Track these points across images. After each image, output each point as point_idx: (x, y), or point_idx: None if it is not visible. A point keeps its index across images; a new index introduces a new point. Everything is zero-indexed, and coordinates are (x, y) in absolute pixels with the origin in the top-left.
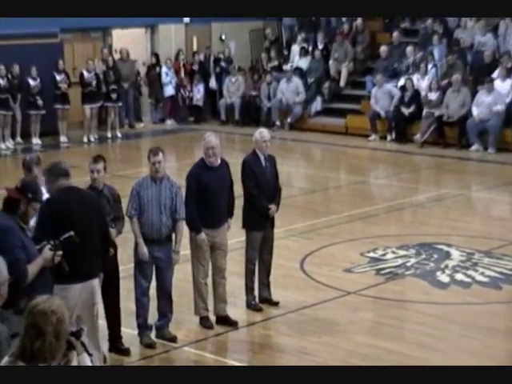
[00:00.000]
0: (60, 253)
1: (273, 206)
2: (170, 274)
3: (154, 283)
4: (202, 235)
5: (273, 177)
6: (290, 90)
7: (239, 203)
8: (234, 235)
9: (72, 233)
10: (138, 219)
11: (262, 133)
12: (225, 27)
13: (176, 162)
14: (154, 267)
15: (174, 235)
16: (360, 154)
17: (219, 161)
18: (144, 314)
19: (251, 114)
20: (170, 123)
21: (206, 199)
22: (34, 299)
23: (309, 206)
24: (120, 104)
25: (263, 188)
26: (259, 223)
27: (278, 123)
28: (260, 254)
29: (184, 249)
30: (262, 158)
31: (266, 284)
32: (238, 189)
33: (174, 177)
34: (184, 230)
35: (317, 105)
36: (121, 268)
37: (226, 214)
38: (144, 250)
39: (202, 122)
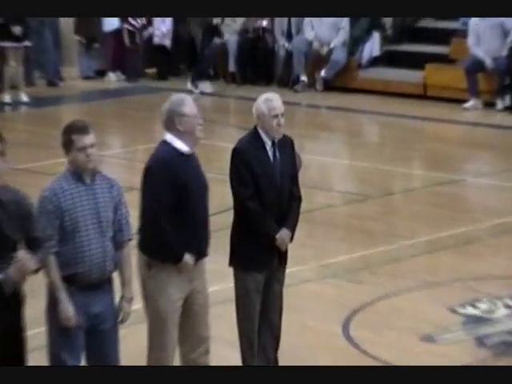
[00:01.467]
0: None
1: (284, 232)
2: (117, 340)
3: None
4: (187, 258)
5: (286, 177)
6: (325, 21)
7: (224, 223)
8: (216, 277)
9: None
10: (58, 254)
11: (271, 101)
12: None
13: (123, 148)
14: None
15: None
16: (448, 134)
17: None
18: None
19: (257, 62)
20: (113, 78)
21: (180, 210)
22: None
23: (358, 224)
24: (28, 43)
25: (268, 198)
26: (260, 259)
27: (304, 79)
28: (263, 310)
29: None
30: (268, 146)
31: (273, 360)
32: (224, 199)
33: (120, 173)
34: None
35: (372, 48)
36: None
37: (209, 238)
38: (69, 311)
39: (170, 77)
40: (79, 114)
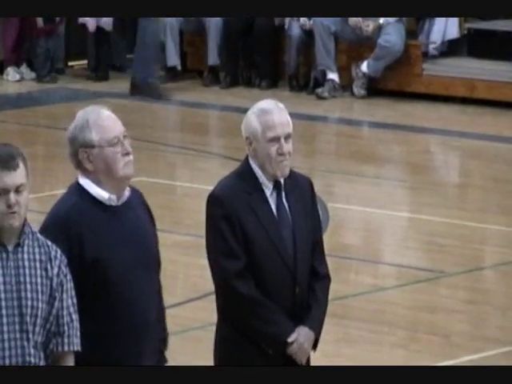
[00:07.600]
0: None
1: (303, 332)
2: None
3: None
4: None
5: (303, 243)
6: None
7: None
8: None
9: None
10: None
11: (268, 114)
12: None
13: (38, 192)
14: None
15: None
16: None
17: (127, 193)
18: None
19: (254, 50)
20: (14, 77)
21: (96, 305)
22: None
23: (425, 319)
24: None
25: (272, 277)
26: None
27: (333, 77)
28: None
29: None
30: (268, 191)
31: None
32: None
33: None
34: None
35: (447, 25)
36: None
37: (158, 344)
38: None
39: (110, 74)
40: None
